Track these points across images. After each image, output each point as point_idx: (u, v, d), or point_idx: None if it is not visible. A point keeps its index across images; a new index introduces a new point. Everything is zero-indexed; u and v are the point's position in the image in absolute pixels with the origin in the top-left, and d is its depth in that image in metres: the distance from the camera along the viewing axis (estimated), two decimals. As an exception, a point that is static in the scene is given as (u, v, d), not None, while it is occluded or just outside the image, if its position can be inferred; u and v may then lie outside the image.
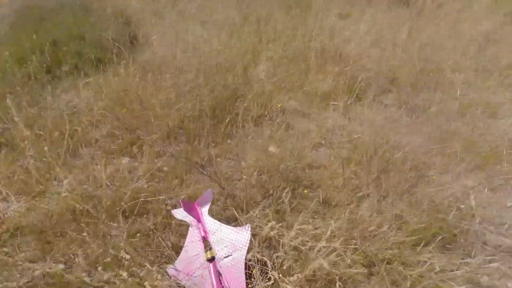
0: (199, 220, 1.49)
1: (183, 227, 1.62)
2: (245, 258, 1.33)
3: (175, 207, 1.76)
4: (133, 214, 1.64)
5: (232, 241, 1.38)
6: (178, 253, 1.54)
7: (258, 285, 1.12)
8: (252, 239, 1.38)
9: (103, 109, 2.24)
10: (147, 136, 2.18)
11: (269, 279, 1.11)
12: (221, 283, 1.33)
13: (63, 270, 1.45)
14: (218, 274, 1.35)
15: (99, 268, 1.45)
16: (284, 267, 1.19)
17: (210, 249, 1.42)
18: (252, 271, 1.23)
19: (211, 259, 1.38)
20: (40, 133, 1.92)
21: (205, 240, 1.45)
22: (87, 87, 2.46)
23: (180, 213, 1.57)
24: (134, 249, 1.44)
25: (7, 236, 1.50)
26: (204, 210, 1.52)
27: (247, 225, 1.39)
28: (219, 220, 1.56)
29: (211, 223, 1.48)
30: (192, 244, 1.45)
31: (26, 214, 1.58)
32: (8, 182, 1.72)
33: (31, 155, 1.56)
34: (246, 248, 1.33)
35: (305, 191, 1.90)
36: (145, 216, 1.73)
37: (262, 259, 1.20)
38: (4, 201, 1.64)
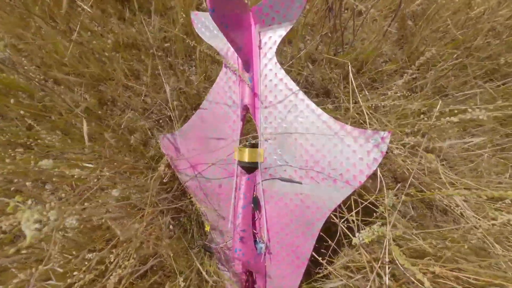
0: (246, 61, 0.53)
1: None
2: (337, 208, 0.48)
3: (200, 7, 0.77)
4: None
5: (315, 151, 0.48)
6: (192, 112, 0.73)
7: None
8: (379, 171, 0.47)
9: None
10: None
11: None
12: (254, 223, 0.57)
13: None
14: (254, 204, 0.56)
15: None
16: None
17: (253, 145, 0.56)
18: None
19: (250, 168, 0.55)
20: None
21: (247, 114, 0.56)
22: None
23: (206, 23, 0.60)
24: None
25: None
26: (271, 39, 0.52)
27: (386, 132, 0.43)
28: (298, 83, 0.62)
29: (277, 82, 0.52)
30: (215, 112, 0.58)
31: None
32: None
33: None
34: (353, 189, 0.45)
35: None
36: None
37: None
38: None
